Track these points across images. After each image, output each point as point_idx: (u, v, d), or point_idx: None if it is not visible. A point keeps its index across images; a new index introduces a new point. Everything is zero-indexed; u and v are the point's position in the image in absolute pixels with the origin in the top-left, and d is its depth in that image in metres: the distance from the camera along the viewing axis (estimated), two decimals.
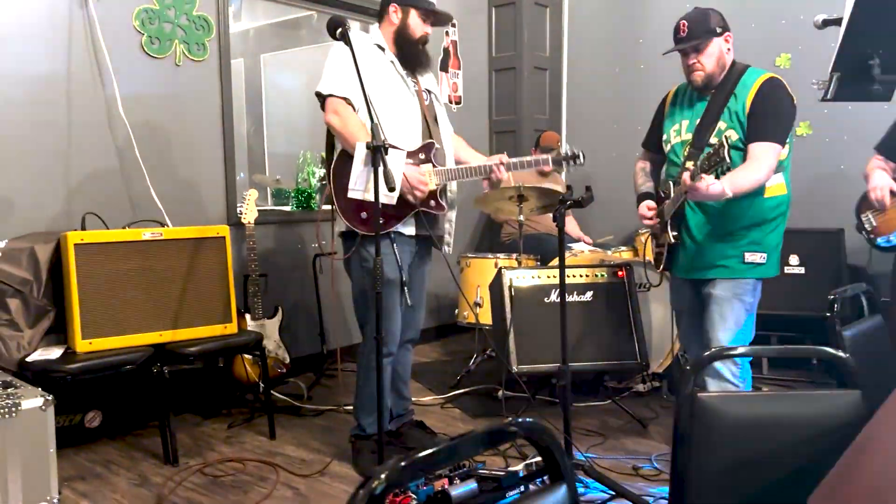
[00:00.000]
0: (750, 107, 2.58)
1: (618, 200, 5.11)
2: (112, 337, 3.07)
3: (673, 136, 2.81)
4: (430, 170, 2.84)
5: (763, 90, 2.58)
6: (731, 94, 2.64)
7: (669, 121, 2.85)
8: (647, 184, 2.98)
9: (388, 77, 2.84)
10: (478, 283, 4.18)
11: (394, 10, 2.87)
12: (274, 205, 5.19)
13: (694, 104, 2.77)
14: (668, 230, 2.75)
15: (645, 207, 2.86)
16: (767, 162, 2.53)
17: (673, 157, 2.81)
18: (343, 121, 2.75)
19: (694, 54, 2.65)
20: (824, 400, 1.33)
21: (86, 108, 3.42)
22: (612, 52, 5.39)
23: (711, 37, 2.62)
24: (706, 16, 2.64)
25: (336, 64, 2.79)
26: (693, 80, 2.69)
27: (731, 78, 2.66)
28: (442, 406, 3.79)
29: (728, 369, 2.64)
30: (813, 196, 4.45)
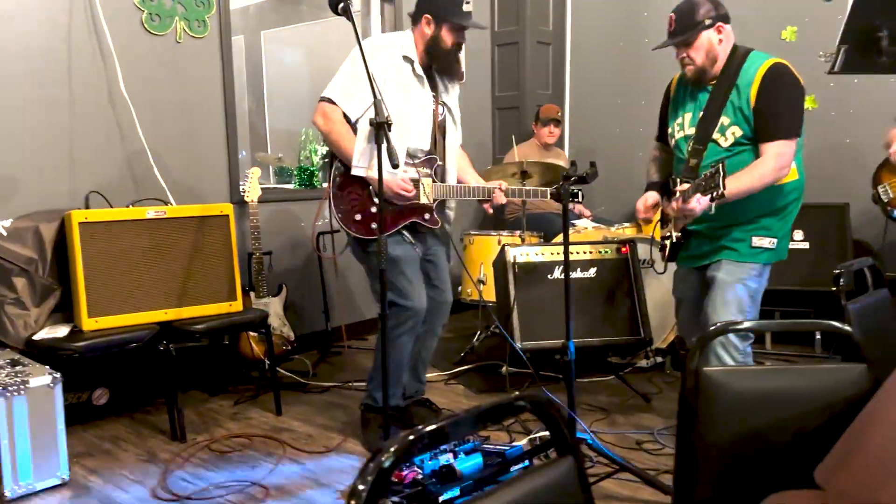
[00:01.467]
0: (755, 101, 2.46)
1: (621, 176, 5.11)
2: (118, 315, 3.08)
3: (677, 130, 2.73)
4: (430, 184, 2.85)
5: (767, 81, 2.46)
6: (732, 86, 2.52)
7: (672, 115, 2.77)
8: (657, 174, 2.92)
9: (408, 89, 2.81)
10: (481, 260, 4.19)
11: (426, 21, 2.81)
12: (276, 183, 5.19)
13: (696, 96, 2.66)
14: (673, 228, 2.72)
15: (642, 203, 2.80)
16: (777, 162, 2.44)
17: (678, 153, 2.73)
18: (329, 123, 2.77)
19: (683, 48, 2.56)
20: (830, 373, 1.33)
21: (87, 86, 3.40)
22: (616, 25, 5.34)
23: (700, 30, 2.51)
24: (693, 8, 2.53)
25: (345, 73, 2.79)
26: (685, 74, 2.63)
27: (732, 67, 2.53)
28: (446, 382, 3.82)
29: (729, 355, 2.54)
30: (818, 170, 4.41)
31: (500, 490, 0.90)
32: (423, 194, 2.84)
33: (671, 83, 2.84)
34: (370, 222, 2.80)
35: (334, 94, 2.78)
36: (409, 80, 2.82)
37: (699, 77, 2.59)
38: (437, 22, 2.79)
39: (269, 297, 3.79)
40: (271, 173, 5.44)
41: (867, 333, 1.62)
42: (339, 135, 2.76)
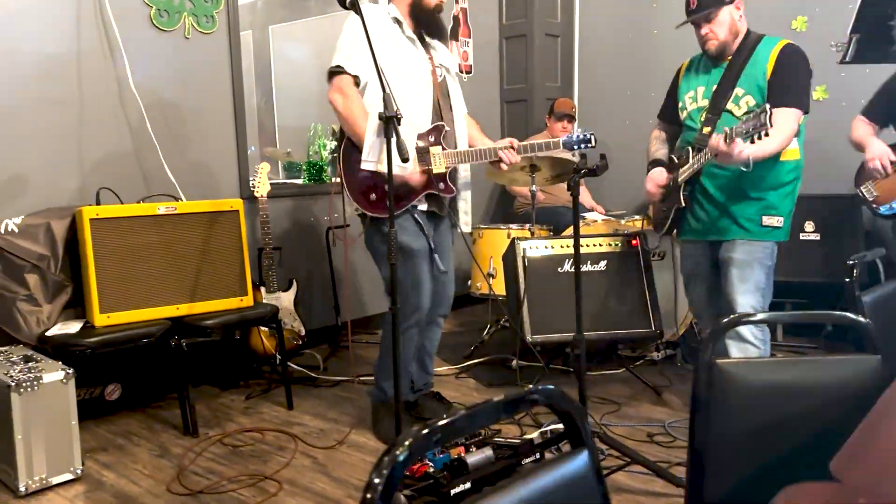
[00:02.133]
0: (771, 73, 2.59)
1: (631, 169, 5.06)
2: (129, 311, 3.10)
3: (689, 102, 2.83)
4: (440, 152, 2.84)
5: (783, 56, 2.59)
6: (748, 60, 2.65)
7: (684, 88, 2.87)
8: (660, 151, 2.99)
9: (402, 52, 2.82)
10: (491, 253, 4.18)
11: None
12: (285, 178, 5.19)
13: (710, 70, 2.78)
14: (680, 193, 2.78)
15: (651, 182, 2.89)
16: (789, 127, 2.55)
17: (690, 122, 2.82)
18: (347, 101, 2.74)
19: (706, 24, 2.67)
20: (844, 365, 1.33)
21: (97, 83, 3.41)
22: (625, 18, 5.31)
23: (721, 5, 2.64)
24: None
25: (348, 38, 2.77)
26: (707, 49, 2.72)
27: (748, 45, 2.68)
28: (457, 376, 3.82)
29: (749, 330, 2.69)
30: (829, 161, 4.39)
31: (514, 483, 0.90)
32: (435, 164, 2.83)
33: (682, 66, 2.96)
34: (385, 200, 2.78)
35: (341, 61, 2.77)
36: (402, 42, 2.84)
37: (721, 52, 2.69)
38: None
39: (279, 292, 3.80)
40: (280, 168, 5.44)
41: (881, 324, 1.61)
42: (354, 114, 2.73)
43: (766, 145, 2.49)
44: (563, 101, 4.93)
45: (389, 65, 2.69)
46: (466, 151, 2.90)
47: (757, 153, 2.47)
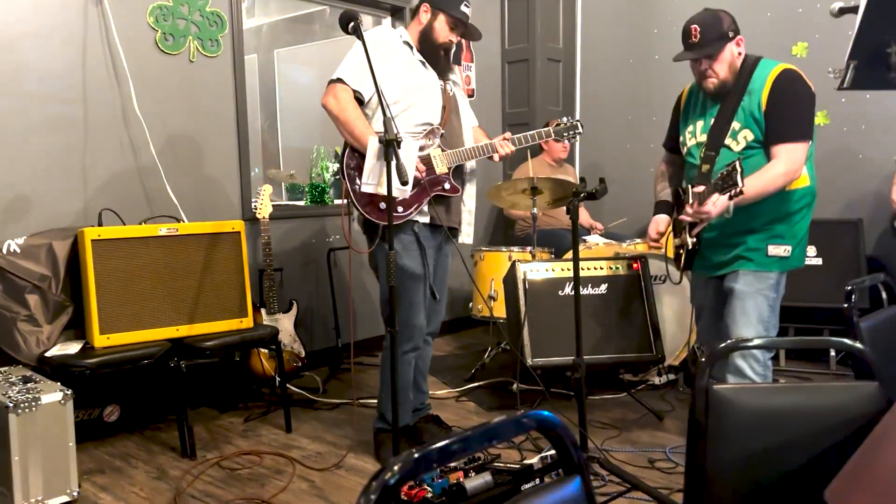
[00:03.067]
0: (766, 105, 2.48)
1: (632, 192, 5.10)
2: (129, 332, 3.10)
3: (688, 138, 2.74)
4: (440, 154, 2.86)
5: (777, 85, 2.47)
6: (744, 91, 2.54)
7: (684, 122, 2.78)
8: (665, 191, 2.91)
9: (413, 70, 2.86)
10: (492, 276, 4.18)
11: (424, 10, 2.89)
12: (288, 199, 5.22)
13: (707, 104, 2.67)
14: (687, 235, 2.69)
15: (654, 229, 2.82)
16: (790, 164, 2.45)
17: (690, 159, 2.73)
18: (340, 104, 2.76)
19: (706, 60, 2.53)
20: (841, 391, 1.32)
21: (101, 105, 3.45)
22: (625, 43, 5.35)
23: (725, 42, 2.51)
24: (718, 19, 2.52)
25: (354, 58, 2.81)
26: (706, 87, 2.59)
27: (744, 74, 2.54)
28: (457, 399, 3.80)
29: (749, 366, 2.56)
30: (831, 186, 4.40)
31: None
32: (436, 166, 2.86)
33: (682, 93, 2.86)
34: (394, 207, 2.78)
35: (343, 75, 2.79)
36: (412, 61, 2.88)
37: (720, 90, 2.57)
38: (434, 10, 2.86)
39: (280, 314, 3.80)
40: (283, 190, 5.47)
41: (880, 351, 1.60)
42: (352, 119, 2.75)
43: (760, 182, 2.42)
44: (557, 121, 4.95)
45: (401, 81, 2.77)
46: (465, 150, 2.93)
47: (752, 191, 2.40)
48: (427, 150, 2.87)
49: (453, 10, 2.85)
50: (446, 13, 2.85)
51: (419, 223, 2.88)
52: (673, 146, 2.91)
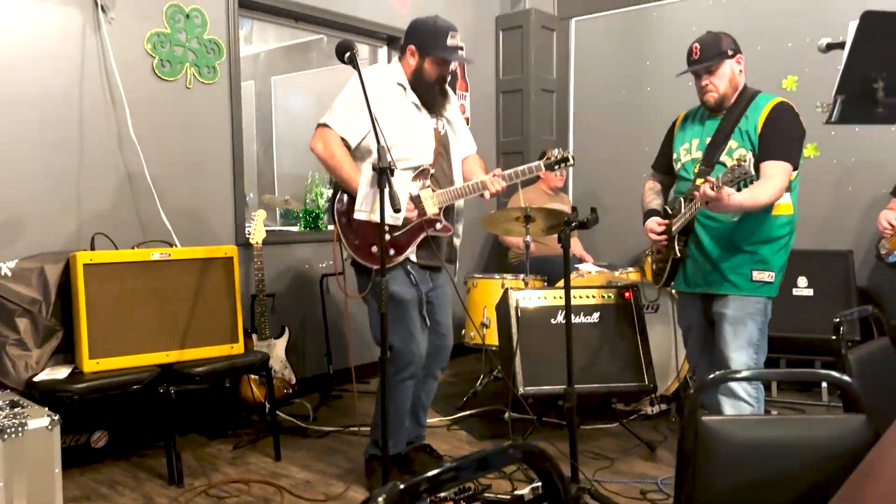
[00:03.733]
0: (762, 127, 2.63)
1: (625, 222, 5.11)
2: (119, 357, 3.08)
3: (683, 154, 2.87)
4: (431, 194, 2.87)
5: (775, 112, 2.64)
6: (742, 114, 2.69)
7: (679, 139, 2.91)
8: (656, 201, 3.02)
9: (403, 111, 2.85)
10: (485, 303, 4.18)
11: (410, 52, 2.88)
12: (282, 225, 5.22)
13: (705, 123, 2.82)
14: (675, 244, 2.79)
15: (654, 223, 2.90)
16: (780, 180, 2.58)
17: (683, 173, 2.86)
18: (327, 147, 2.79)
19: (706, 76, 2.71)
20: (829, 424, 1.32)
21: (97, 129, 3.46)
22: (618, 75, 5.42)
23: (723, 59, 2.69)
24: (718, 39, 2.71)
25: (345, 101, 2.82)
26: (706, 100, 2.76)
27: (743, 100, 2.72)
28: (448, 428, 3.78)
29: (742, 388, 2.67)
30: (821, 218, 4.44)
31: None
32: (427, 207, 2.86)
33: (677, 119, 3.01)
34: (386, 248, 2.79)
35: (331, 121, 2.81)
36: (405, 104, 2.87)
37: (720, 104, 2.74)
38: (421, 54, 2.85)
39: (271, 339, 3.78)
40: (278, 215, 5.48)
41: (868, 383, 1.61)
42: (340, 163, 2.77)
43: (756, 194, 2.53)
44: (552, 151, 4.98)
45: (392, 127, 2.73)
46: (455, 189, 2.93)
47: (747, 201, 2.51)
48: (418, 191, 2.87)
49: (439, 50, 2.81)
50: (433, 54, 2.83)
51: (412, 261, 2.89)
52: (662, 167, 3.04)
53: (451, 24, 2.84)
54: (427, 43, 2.82)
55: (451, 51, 2.83)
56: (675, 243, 2.81)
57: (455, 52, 2.84)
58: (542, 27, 5.54)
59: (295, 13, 4.36)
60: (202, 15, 3.80)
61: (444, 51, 2.82)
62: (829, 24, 3.72)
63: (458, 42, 2.86)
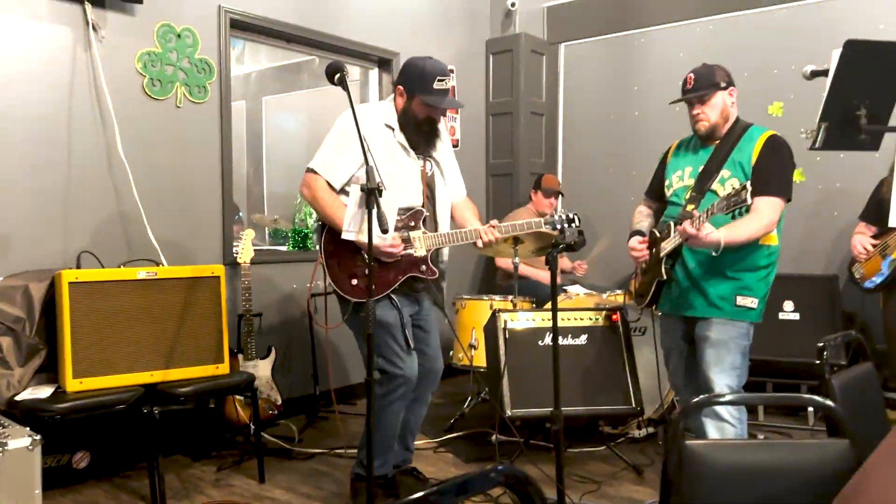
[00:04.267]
0: (756, 159, 2.67)
1: (613, 245, 5.13)
2: (103, 376, 3.05)
3: (675, 180, 2.90)
4: (421, 236, 2.88)
5: (769, 145, 2.69)
6: (735, 144, 2.74)
7: (672, 168, 2.95)
8: (644, 223, 3.05)
9: (390, 153, 2.84)
10: (473, 324, 4.17)
11: (399, 92, 2.89)
12: (271, 245, 5.22)
13: (698, 152, 2.87)
14: (662, 266, 2.81)
15: (635, 241, 2.94)
16: (770, 216, 2.62)
17: (675, 199, 2.89)
18: (314, 192, 2.83)
19: (698, 105, 2.77)
20: (813, 449, 1.32)
21: (86, 148, 3.46)
22: (607, 99, 5.47)
23: (715, 90, 2.75)
24: (712, 71, 2.78)
25: (332, 143, 2.85)
26: (697, 129, 2.81)
27: (736, 131, 2.78)
28: (435, 450, 3.75)
29: (726, 409, 2.68)
30: (807, 243, 4.48)
31: None
32: (416, 248, 2.87)
33: (670, 147, 3.05)
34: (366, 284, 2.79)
35: (316, 165, 2.85)
36: (392, 146, 2.87)
37: (711, 134, 2.79)
38: (409, 94, 2.86)
39: (257, 360, 3.76)
40: (267, 235, 5.47)
41: (852, 407, 1.61)
42: (324, 201, 2.81)
43: (736, 233, 2.55)
44: (551, 178, 5.01)
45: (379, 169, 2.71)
46: (447, 234, 2.94)
47: (730, 238, 2.52)
48: (409, 231, 2.88)
49: (426, 93, 2.80)
50: (420, 97, 2.82)
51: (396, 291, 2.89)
52: (654, 194, 3.07)
53: (441, 68, 2.82)
54: (414, 85, 2.82)
55: (437, 95, 2.81)
56: (663, 265, 2.83)
57: (440, 98, 2.82)
58: (532, 51, 5.59)
59: (287, 34, 4.38)
60: (193, 35, 3.82)
61: (429, 95, 2.80)
62: (814, 52, 3.77)
63: (447, 85, 2.84)
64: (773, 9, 4.72)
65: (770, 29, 4.71)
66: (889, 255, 3.59)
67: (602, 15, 5.48)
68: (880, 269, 3.61)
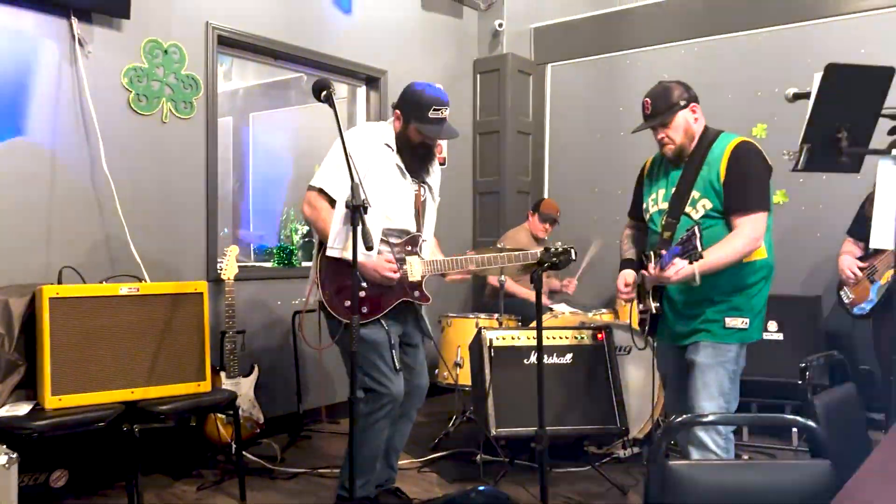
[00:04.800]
0: (724, 175, 2.57)
1: (598, 264, 5.15)
2: (83, 393, 3.00)
3: (651, 205, 2.82)
4: (416, 261, 2.88)
5: (735, 157, 2.58)
6: (703, 162, 2.64)
7: (647, 191, 2.87)
8: (631, 251, 2.98)
9: (387, 174, 2.86)
10: (459, 342, 4.16)
11: (396, 116, 2.92)
12: (256, 261, 5.19)
13: (669, 173, 2.77)
14: (651, 300, 2.73)
15: (622, 281, 2.85)
16: (750, 234, 2.53)
17: (653, 226, 2.80)
18: (315, 212, 2.83)
19: (661, 129, 2.68)
20: (794, 469, 1.32)
21: (69, 162, 3.44)
22: (593, 119, 5.52)
23: (675, 111, 2.65)
24: (668, 91, 2.68)
25: (331, 160, 2.85)
26: (665, 152, 2.73)
27: (703, 145, 2.66)
28: (419, 470, 3.72)
29: (711, 439, 2.56)
30: (790, 263, 4.49)
31: None
32: (412, 273, 2.87)
33: (645, 164, 2.97)
34: (360, 306, 2.78)
35: (322, 183, 2.84)
36: (390, 167, 2.88)
37: (679, 155, 2.69)
38: (405, 120, 2.88)
39: (239, 377, 3.72)
40: (252, 251, 5.44)
41: (834, 428, 1.61)
42: (326, 222, 2.77)
43: (712, 259, 2.44)
44: (552, 204, 4.95)
45: (375, 187, 2.75)
46: (443, 260, 2.95)
47: (708, 265, 2.44)
48: (405, 255, 2.89)
49: (421, 122, 2.83)
50: (415, 125, 2.85)
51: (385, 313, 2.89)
52: (637, 214, 2.99)
53: (438, 97, 2.84)
54: (411, 112, 2.85)
55: (433, 125, 2.84)
56: (650, 300, 2.74)
57: (436, 128, 2.85)
58: (519, 71, 5.64)
59: (275, 52, 4.39)
60: (181, 51, 3.82)
61: (424, 124, 2.83)
62: (797, 75, 3.83)
63: (443, 114, 2.85)
64: (756, 32, 4.79)
65: (753, 52, 4.78)
66: (877, 280, 3.58)
67: (588, 36, 5.55)
68: (869, 295, 3.60)
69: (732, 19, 4.87)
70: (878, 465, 1.33)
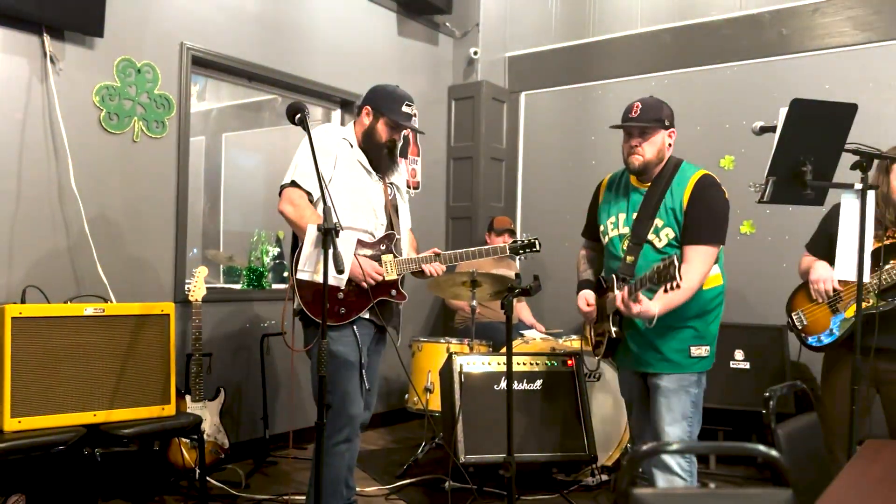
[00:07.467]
0: (686, 205, 2.61)
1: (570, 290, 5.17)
2: (43, 416, 2.93)
3: (610, 228, 2.81)
4: (392, 260, 2.89)
5: (698, 189, 2.62)
6: (667, 188, 2.67)
7: (605, 212, 2.85)
8: (588, 272, 3.00)
9: (353, 169, 2.89)
10: (429, 367, 4.14)
11: (366, 112, 2.95)
12: (225, 282, 5.13)
13: (630, 195, 2.76)
14: (611, 324, 2.73)
15: (583, 301, 2.86)
16: (700, 268, 2.57)
17: (612, 249, 2.79)
18: (297, 210, 2.80)
19: (638, 137, 2.65)
20: (756, 498, 1.33)
21: (36, 179, 3.38)
22: (565, 148, 5.58)
23: (659, 127, 2.65)
24: (660, 106, 2.69)
25: (302, 157, 2.85)
26: (630, 162, 2.68)
27: (667, 172, 2.69)
28: (386, 497, 3.67)
29: (676, 462, 2.64)
30: (756, 293, 4.57)
31: None
32: (387, 271, 2.88)
33: (601, 184, 2.96)
34: (337, 307, 2.80)
35: (296, 177, 2.83)
36: (353, 162, 2.91)
37: (642, 170, 2.69)
38: (375, 114, 2.92)
39: (205, 401, 3.66)
40: (221, 272, 5.38)
41: (797, 457, 1.63)
42: (306, 219, 2.74)
43: (674, 297, 2.46)
44: (502, 218, 5.12)
45: (343, 184, 2.80)
46: (414, 258, 2.97)
47: (667, 306, 2.48)
48: (380, 254, 2.90)
49: (395, 113, 2.90)
50: (387, 116, 2.90)
51: (362, 317, 2.87)
52: (593, 235, 2.99)
53: (409, 95, 2.96)
54: (383, 105, 2.92)
55: (405, 117, 2.92)
56: (612, 324, 2.73)
57: (408, 119, 2.93)
58: (493, 99, 5.70)
59: (249, 73, 4.39)
60: (154, 70, 3.80)
61: (397, 115, 2.91)
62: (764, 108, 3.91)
63: (413, 111, 2.96)
64: (724, 66, 4.90)
65: (722, 85, 4.88)
66: (841, 311, 2.96)
67: (561, 66, 5.63)
68: (828, 326, 3.00)
69: (702, 53, 4.98)
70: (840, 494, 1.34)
